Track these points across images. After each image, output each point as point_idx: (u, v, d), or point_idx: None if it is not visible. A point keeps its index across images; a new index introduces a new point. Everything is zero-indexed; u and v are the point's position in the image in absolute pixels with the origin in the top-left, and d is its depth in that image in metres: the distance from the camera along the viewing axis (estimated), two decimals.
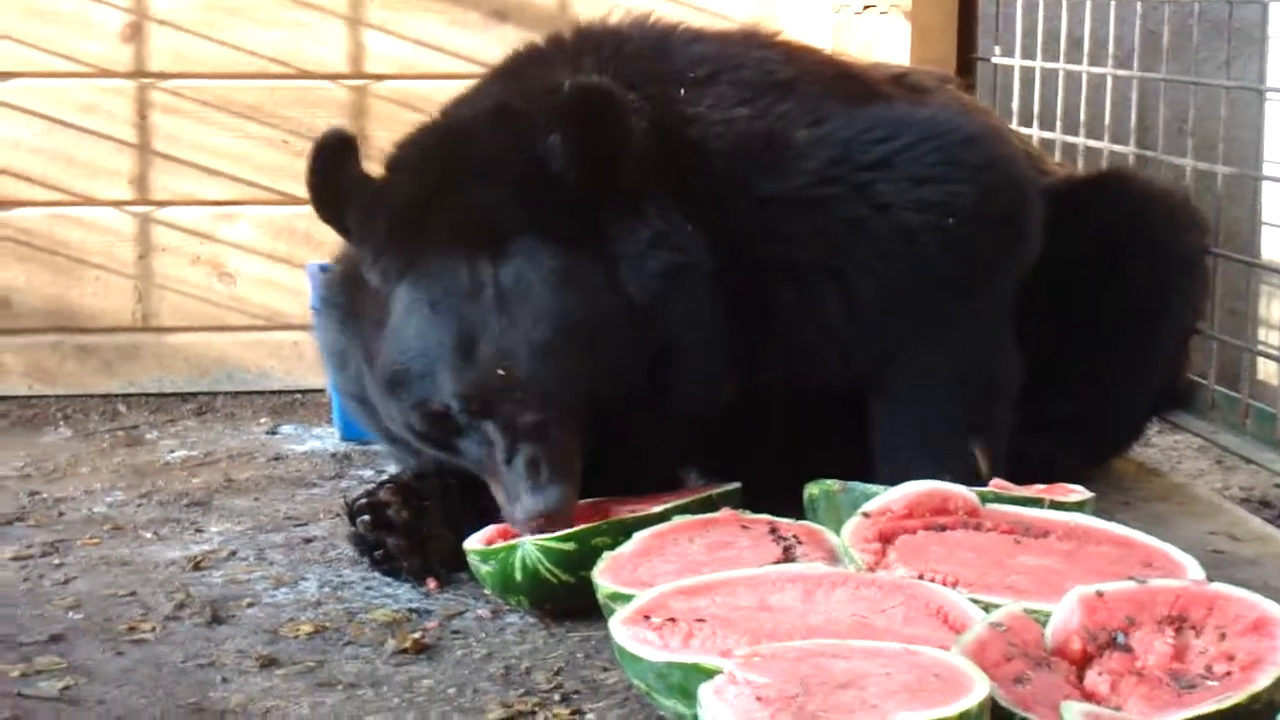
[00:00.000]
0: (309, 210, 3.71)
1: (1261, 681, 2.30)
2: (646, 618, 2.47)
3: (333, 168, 2.96)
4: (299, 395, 4.24)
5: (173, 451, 3.89)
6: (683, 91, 3.15)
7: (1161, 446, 3.79)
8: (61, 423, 4.09)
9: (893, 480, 2.98)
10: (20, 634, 2.81)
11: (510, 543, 2.85)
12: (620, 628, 2.46)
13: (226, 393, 4.28)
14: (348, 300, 3.08)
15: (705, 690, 2.22)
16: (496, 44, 3.92)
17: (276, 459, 3.83)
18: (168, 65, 4.21)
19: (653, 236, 2.94)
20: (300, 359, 4.20)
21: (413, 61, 4.23)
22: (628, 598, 2.59)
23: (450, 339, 2.86)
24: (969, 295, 3.16)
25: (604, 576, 2.70)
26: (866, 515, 2.74)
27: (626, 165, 2.92)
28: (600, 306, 2.89)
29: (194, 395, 4.27)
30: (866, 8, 4.22)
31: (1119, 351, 3.42)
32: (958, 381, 3.17)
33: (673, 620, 2.45)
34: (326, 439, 3.95)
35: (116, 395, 4.24)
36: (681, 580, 2.58)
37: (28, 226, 4.20)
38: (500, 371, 2.82)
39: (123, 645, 2.76)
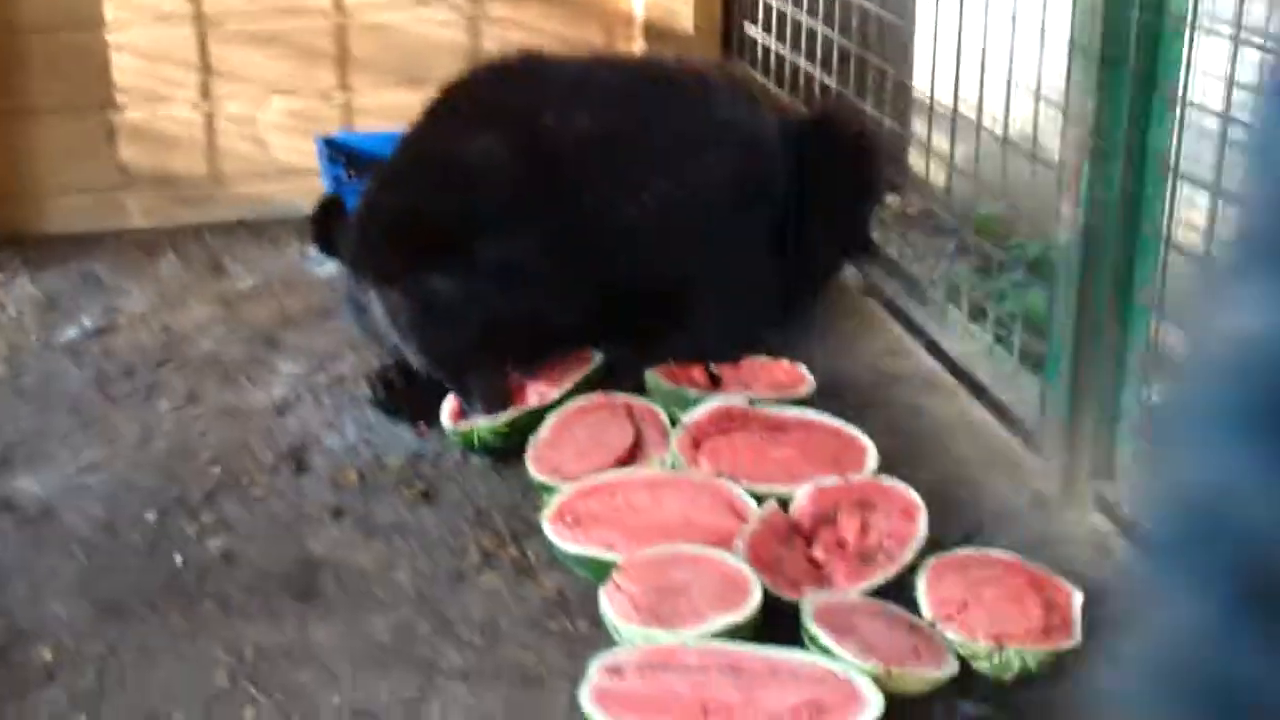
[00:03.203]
0: (313, 102, 3.92)
1: (906, 555, 2.70)
2: (563, 517, 2.81)
3: (323, 224, 3.14)
4: None
5: (244, 280, 4.06)
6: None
7: (851, 274, 4.01)
8: (170, 249, 4.22)
9: (694, 348, 3.32)
10: (187, 494, 3.05)
11: (469, 426, 3.14)
12: (547, 524, 2.79)
13: (270, 220, 4.36)
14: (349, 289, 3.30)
15: (601, 595, 2.59)
16: None
17: (310, 287, 4.00)
18: (216, 11, 4.24)
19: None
20: (313, 190, 4.25)
21: None
22: (549, 487, 2.92)
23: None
24: (738, 231, 3.40)
25: (532, 465, 2.98)
26: (684, 426, 3.01)
27: None
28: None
29: (250, 223, 4.37)
30: None
31: (838, 225, 3.67)
32: (733, 284, 3.42)
33: (577, 520, 2.79)
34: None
35: (200, 225, 4.35)
36: (578, 484, 2.87)
37: (139, 120, 4.26)
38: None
39: (249, 501, 3.02)
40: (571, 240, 3.15)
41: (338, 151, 4.12)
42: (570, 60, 3.51)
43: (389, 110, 4.23)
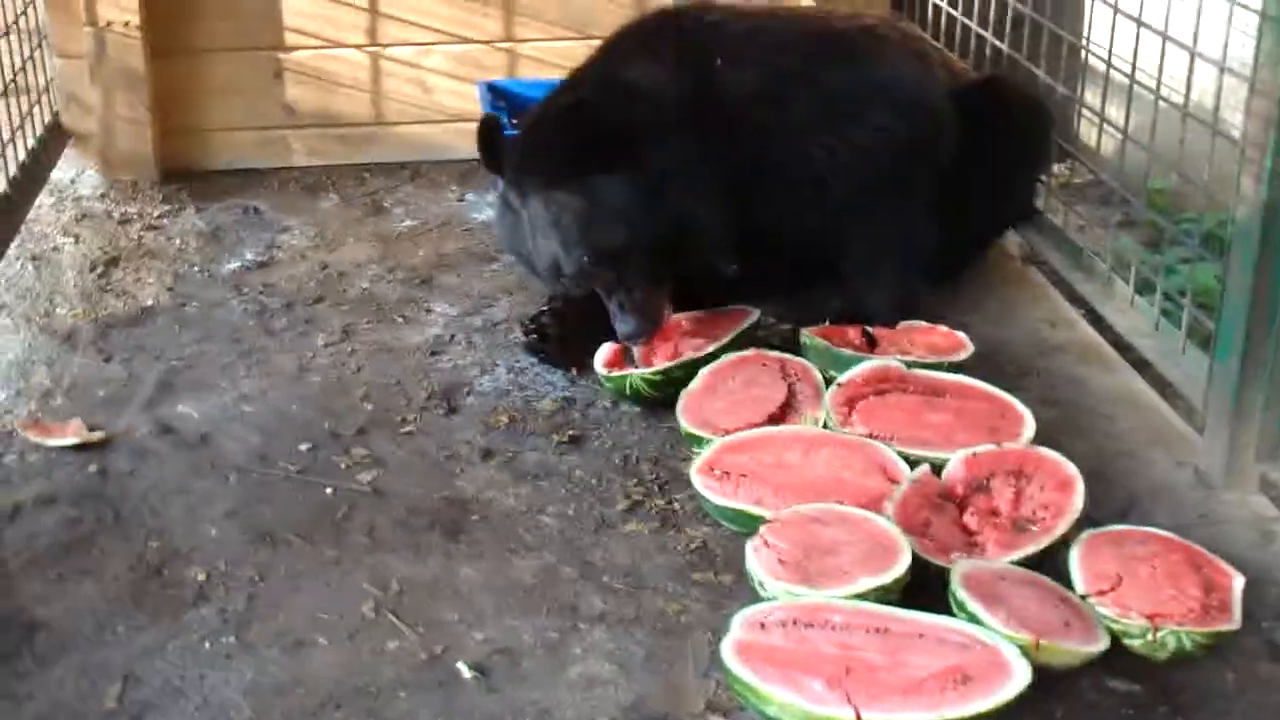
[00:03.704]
0: (478, 48, 3.94)
1: (1061, 528, 2.65)
2: (712, 470, 2.80)
3: (488, 138, 3.15)
4: (474, 162, 4.33)
5: (403, 221, 4.10)
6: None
7: (1013, 241, 3.94)
8: (331, 188, 4.29)
9: (850, 308, 3.30)
10: (340, 427, 3.09)
11: (623, 372, 3.15)
12: (696, 476, 2.79)
13: (429, 161, 4.43)
14: (508, 207, 3.30)
15: (748, 548, 2.57)
16: None
17: (467, 230, 4.04)
18: None
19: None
20: (473, 136, 4.31)
21: None
22: (698, 438, 2.91)
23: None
24: (902, 191, 3.36)
25: (683, 415, 2.98)
26: (839, 384, 2.99)
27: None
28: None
29: (409, 164, 4.43)
30: None
31: (1004, 191, 3.63)
32: (893, 244, 3.39)
33: (727, 473, 2.77)
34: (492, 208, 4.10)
35: (362, 165, 4.41)
36: (730, 437, 2.86)
37: (306, 60, 4.32)
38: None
39: (400, 438, 3.06)
40: (732, 178, 3.16)
41: (500, 97, 4.14)
42: (744, 11, 3.48)
43: (553, 59, 4.24)
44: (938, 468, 2.77)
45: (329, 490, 2.88)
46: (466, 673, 2.41)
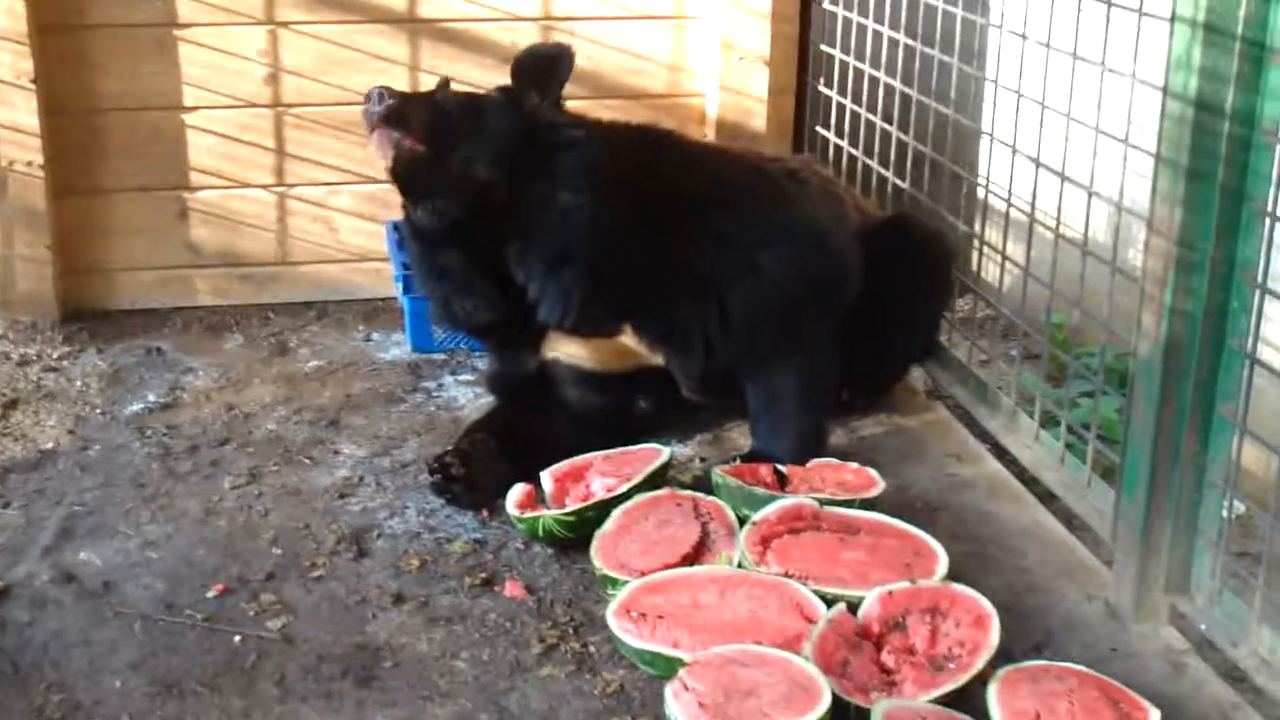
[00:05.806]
0: (385, 188, 3.94)
1: (978, 665, 2.65)
2: (628, 612, 2.78)
3: None
4: (380, 302, 4.39)
5: (309, 361, 4.07)
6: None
7: (916, 375, 4.00)
8: (235, 328, 4.26)
9: (761, 446, 3.32)
10: (248, 572, 3.04)
11: (535, 514, 3.12)
12: (612, 618, 2.76)
13: (335, 301, 4.42)
14: None
15: (667, 692, 2.54)
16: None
17: (374, 371, 4.02)
18: (295, 99, 4.27)
19: None
20: (379, 276, 4.34)
21: None
22: (614, 580, 2.89)
23: None
24: (806, 328, 3.39)
25: (597, 557, 2.96)
26: (754, 523, 2.98)
27: None
28: None
29: (315, 304, 4.41)
30: (741, 59, 4.36)
31: (908, 327, 3.68)
32: (801, 382, 3.41)
33: (643, 615, 2.75)
34: (401, 347, 4.10)
35: (267, 305, 4.39)
36: (645, 579, 2.85)
37: (211, 200, 4.30)
38: None
39: (309, 583, 3.01)
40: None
41: None
42: (681, 138, 3.51)
43: None
44: (853, 606, 2.76)
45: (237, 638, 2.82)
46: None
